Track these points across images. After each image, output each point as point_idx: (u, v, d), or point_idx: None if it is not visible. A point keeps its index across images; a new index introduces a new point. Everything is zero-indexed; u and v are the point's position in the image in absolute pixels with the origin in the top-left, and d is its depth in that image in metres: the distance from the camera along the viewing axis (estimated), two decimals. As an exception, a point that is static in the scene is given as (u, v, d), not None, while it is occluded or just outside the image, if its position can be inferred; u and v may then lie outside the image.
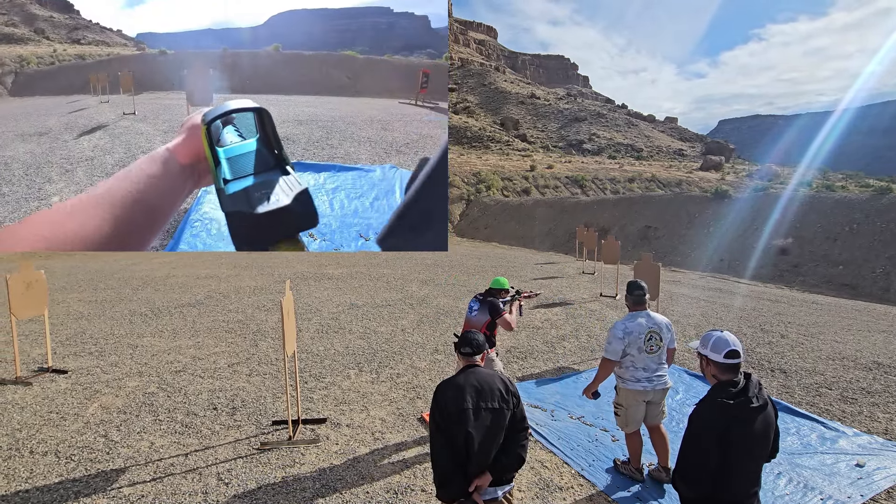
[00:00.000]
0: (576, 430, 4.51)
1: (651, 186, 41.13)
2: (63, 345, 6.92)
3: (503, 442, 2.31)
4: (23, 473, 3.75)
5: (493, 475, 2.29)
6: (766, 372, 6.11)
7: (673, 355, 3.77)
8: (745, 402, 2.02)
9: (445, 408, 2.27)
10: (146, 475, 3.73)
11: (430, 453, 2.34)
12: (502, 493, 2.38)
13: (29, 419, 4.64)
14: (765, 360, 6.53)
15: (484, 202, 32.48)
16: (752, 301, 10.62)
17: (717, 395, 2.07)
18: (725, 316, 9.08)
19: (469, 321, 4.19)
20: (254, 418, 4.68)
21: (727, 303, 10.31)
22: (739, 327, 8.17)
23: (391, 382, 5.63)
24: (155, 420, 4.64)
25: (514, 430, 2.34)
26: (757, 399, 2.05)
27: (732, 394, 2.04)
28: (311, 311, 8.93)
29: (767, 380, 5.87)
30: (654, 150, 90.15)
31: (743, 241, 17.96)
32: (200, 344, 7.03)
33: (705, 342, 2.20)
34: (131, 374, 5.82)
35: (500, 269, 14.84)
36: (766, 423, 2.07)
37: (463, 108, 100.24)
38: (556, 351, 6.85)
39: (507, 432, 2.32)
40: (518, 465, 2.37)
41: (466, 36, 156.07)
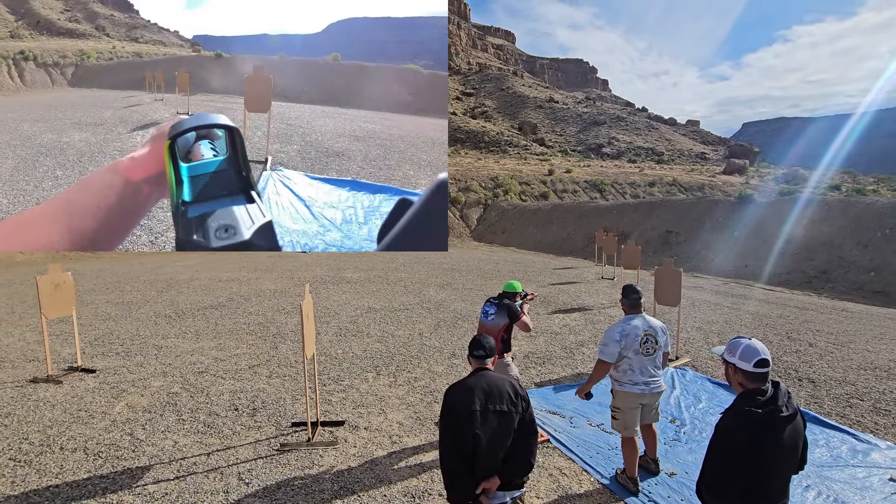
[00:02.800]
0: (595, 438, 4.44)
1: (672, 190, 40.44)
2: (91, 345, 7.13)
3: (512, 445, 2.30)
4: (53, 469, 3.87)
5: (502, 479, 2.29)
6: (793, 381, 5.93)
7: (666, 359, 3.79)
8: (774, 412, 1.96)
9: (454, 409, 2.29)
10: (170, 473, 3.81)
11: (439, 454, 2.35)
12: (511, 499, 2.37)
13: (59, 416, 4.79)
14: (792, 368, 6.34)
15: (501, 206, 32.39)
16: (778, 308, 10.33)
17: (744, 405, 2.01)
18: (750, 323, 8.85)
19: (485, 326, 4.17)
20: (274, 419, 4.74)
21: (752, 309, 10.05)
22: (765, 335, 7.95)
23: (408, 386, 5.64)
24: (178, 419, 4.74)
25: (522, 434, 2.33)
26: (786, 408, 1.98)
27: (761, 403, 1.98)
28: (329, 315, 9.02)
29: (795, 389, 5.69)
30: (675, 154, 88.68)
31: (768, 247, 17.51)
32: (222, 345, 7.16)
33: (733, 350, 2.12)
34: (156, 375, 5.96)
35: (518, 273, 14.76)
36: (796, 434, 2.01)
37: (480, 113, 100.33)
38: (574, 357, 6.77)
39: (516, 436, 2.31)
40: (526, 470, 2.36)
41: (484, 41, 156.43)
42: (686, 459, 4.08)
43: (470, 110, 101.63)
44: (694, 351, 7.09)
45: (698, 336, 7.86)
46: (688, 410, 5.06)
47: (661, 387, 3.67)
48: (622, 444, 3.72)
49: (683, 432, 4.58)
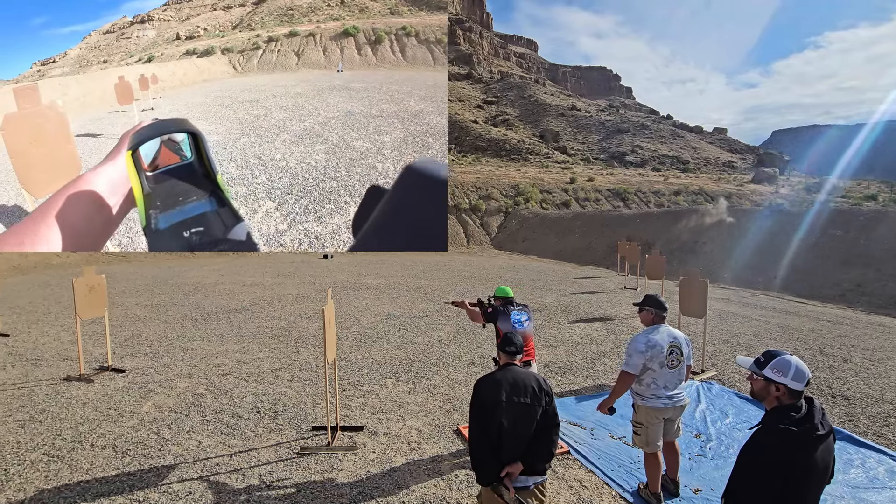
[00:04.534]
0: (617, 451, 4.35)
1: (698, 199, 39.61)
2: (121, 345, 7.36)
3: (535, 435, 2.52)
4: (84, 465, 4.00)
5: (524, 465, 2.49)
6: (826, 398, 5.71)
7: (689, 372, 3.69)
8: (810, 430, 1.89)
9: (482, 399, 2.52)
10: (194, 473, 3.90)
11: (468, 440, 2.63)
12: (534, 484, 2.57)
13: (90, 414, 4.95)
14: (825, 385, 6.10)
15: (522, 215, 32.24)
16: (810, 321, 9.96)
17: (778, 421, 1.94)
18: (780, 336, 8.56)
19: (523, 333, 4.11)
20: (294, 423, 4.80)
21: (782, 322, 9.72)
22: (796, 349, 7.68)
23: (427, 393, 5.64)
24: (203, 420, 4.84)
25: (545, 425, 2.54)
26: (822, 426, 1.91)
27: (796, 420, 1.91)
28: (350, 320, 9.11)
29: (829, 406, 5.47)
30: (701, 162, 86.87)
31: (799, 258, 16.95)
32: (246, 349, 7.30)
33: (783, 370, 2.01)
34: (182, 376, 6.11)
35: (538, 282, 14.64)
36: (827, 452, 1.94)
37: (502, 121, 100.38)
38: (595, 367, 6.66)
39: (539, 426, 2.53)
40: (548, 459, 2.56)
41: (507, 49, 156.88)
42: (712, 475, 3.96)
43: (491, 118, 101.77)
44: (720, 364, 6.89)
45: (725, 349, 7.65)
46: (714, 425, 4.92)
47: (685, 401, 3.57)
48: (644, 459, 3.63)
49: (709, 448, 4.45)
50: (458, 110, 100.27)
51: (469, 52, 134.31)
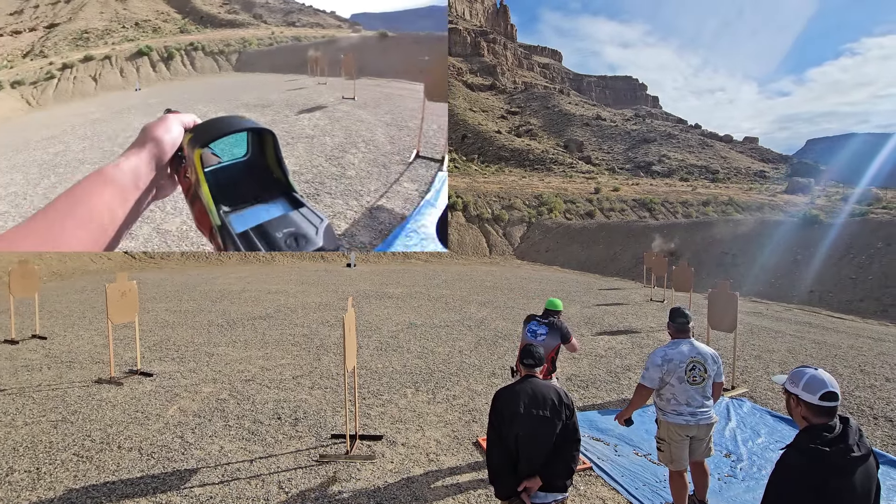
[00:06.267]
0: (642, 469, 4.21)
1: (728, 210, 38.54)
2: (150, 350, 7.57)
3: (554, 450, 2.45)
4: (111, 466, 4.09)
5: (544, 480, 2.43)
6: (867, 419, 5.40)
7: (720, 390, 3.51)
8: (844, 451, 1.77)
9: (500, 410, 2.50)
10: (215, 477, 3.94)
11: (486, 451, 2.60)
12: (554, 501, 2.49)
13: (119, 416, 5.09)
14: (866, 405, 5.78)
15: (545, 225, 31.96)
16: (849, 338, 9.50)
17: (809, 441, 1.82)
18: (817, 353, 8.18)
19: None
20: (314, 430, 4.82)
21: (819, 339, 9.30)
22: (834, 366, 7.32)
23: (447, 404, 5.59)
24: (225, 425, 4.91)
25: (565, 440, 2.48)
26: (858, 448, 1.79)
27: (828, 440, 1.79)
28: (371, 329, 9.15)
29: (870, 428, 5.18)
30: (731, 172, 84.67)
31: (837, 272, 16.23)
32: (269, 355, 7.40)
33: (796, 380, 1.95)
34: (206, 381, 6.23)
35: (561, 293, 14.43)
36: (868, 477, 1.81)
37: (525, 131, 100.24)
38: (620, 381, 6.49)
39: (558, 441, 2.46)
40: (567, 475, 2.49)
41: (531, 60, 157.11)
42: (743, 498, 3.78)
43: (515, 129, 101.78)
44: (752, 381, 6.63)
45: (757, 365, 7.35)
46: (745, 445, 4.71)
47: (712, 418, 3.42)
48: (670, 477, 3.50)
49: (740, 468, 4.26)
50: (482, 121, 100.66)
51: (493, 64, 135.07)
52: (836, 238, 17.55)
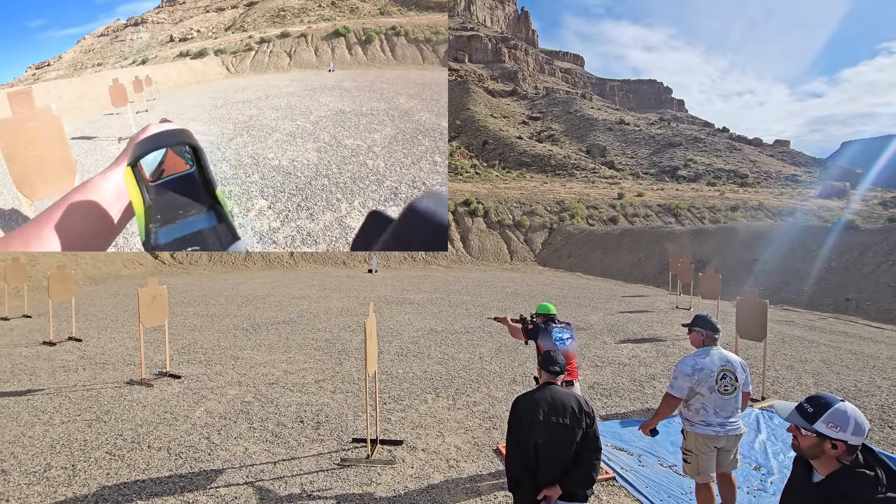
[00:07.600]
0: (666, 480, 4.11)
1: (758, 215, 37.42)
2: (179, 353, 7.79)
3: (574, 458, 2.43)
4: (141, 465, 4.22)
5: (563, 490, 2.41)
6: (908, 434, 5.15)
7: (748, 399, 3.41)
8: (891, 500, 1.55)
9: (519, 418, 2.49)
10: (240, 478, 4.03)
11: (505, 458, 2.59)
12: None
13: (149, 417, 5.25)
14: (907, 419, 5.52)
15: (567, 231, 31.62)
16: (889, 348, 9.08)
17: (860, 489, 1.61)
18: (853, 364, 7.85)
19: (566, 352, 3.99)
20: (335, 434, 4.87)
21: (856, 349, 8.92)
22: (872, 378, 7.02)
23: (467, 410, 5.58)
24: (250, 427, 5.01)
25: (585, 448, 2.45)
26: None
27: (873, 481, 1.59)
28: (392, 334, 9.21)
29: (911, 443, 4.94)
30: (761, 176, 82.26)
31: (876, 279, 15.55)
32: (292, 359, 7.53)
33: (840, 423, 1.67)
34: (232, 384, 6.37)
35: (584, 300, 14.25)
36: None
37: (547, 137, 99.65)
38: (644, 390, 6.36)
39: (578, 449, 2.44)
40: (587, 484, 2.46)
41: (552, 65, 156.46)
42: (773, 513, 3.65)
43: (536, 134, 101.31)
44: (784, 392, 6.41)
45: (789, 375, 7.10)
46: (775, 458, 4.55)
47: (741, 429, 3.32)
48: (696, 490, 3.41)
49: (770, 482, 4.12)
50: (503, 126, 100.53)
51: (514, 70, 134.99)
52: (873, 244, 16.85)
